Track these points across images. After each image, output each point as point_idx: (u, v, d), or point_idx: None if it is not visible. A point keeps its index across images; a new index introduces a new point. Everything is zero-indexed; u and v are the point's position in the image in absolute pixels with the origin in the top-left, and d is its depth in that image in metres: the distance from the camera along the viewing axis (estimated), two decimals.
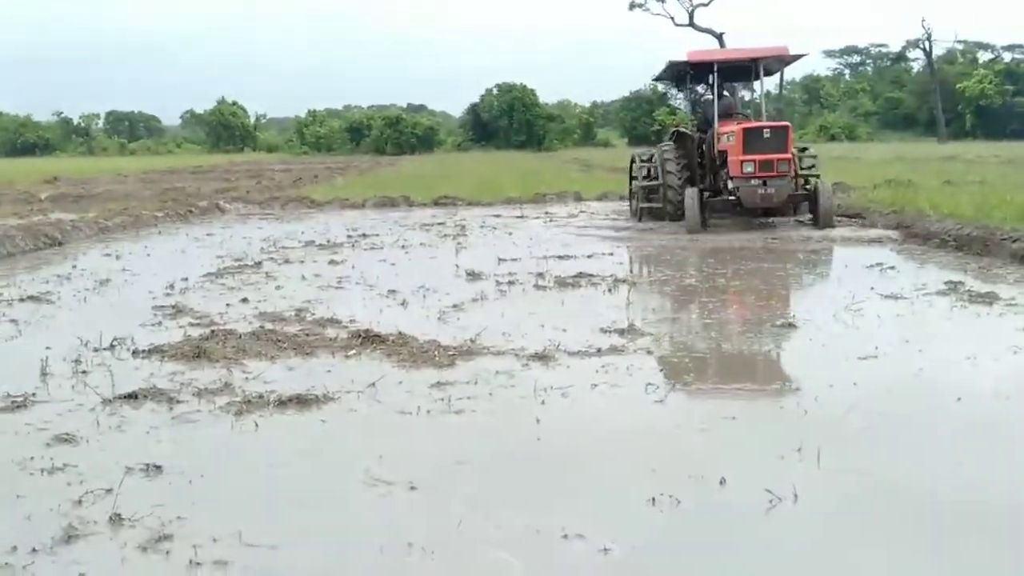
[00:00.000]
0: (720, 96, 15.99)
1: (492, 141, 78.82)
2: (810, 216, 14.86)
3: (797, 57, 16.62)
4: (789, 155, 14.41)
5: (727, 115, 15.81)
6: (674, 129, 17.34)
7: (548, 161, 46.31)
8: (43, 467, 4.46)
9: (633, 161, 17.62)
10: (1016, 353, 6.42)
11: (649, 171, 16.47)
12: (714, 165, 15.35)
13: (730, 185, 14.56)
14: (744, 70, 16.22)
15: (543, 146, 75.28)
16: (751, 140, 14.26)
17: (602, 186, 23.10)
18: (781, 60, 16.67)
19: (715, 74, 15.72)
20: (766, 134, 14.31)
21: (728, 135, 14.77)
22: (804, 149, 16.27)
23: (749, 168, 14.16)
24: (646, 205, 16.20)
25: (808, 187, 14.99)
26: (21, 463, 4.52)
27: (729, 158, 14.56)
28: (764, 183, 14.16)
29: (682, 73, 16.88)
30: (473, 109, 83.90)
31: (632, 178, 17.55)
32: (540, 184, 24.25)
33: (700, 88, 17.64)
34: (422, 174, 33.31)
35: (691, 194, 14.69)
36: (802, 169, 15.28)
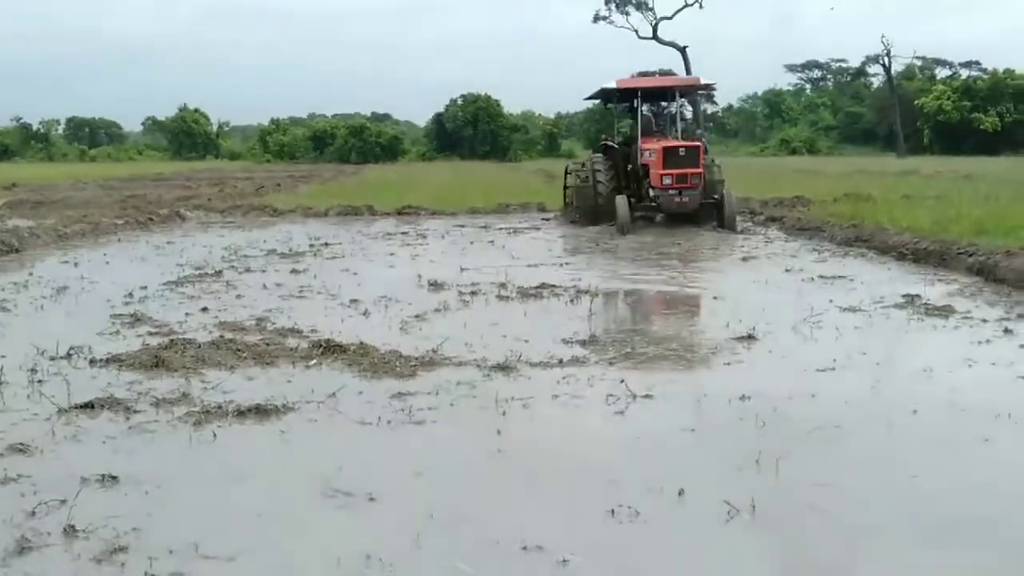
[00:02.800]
0: (643, 116, 18.77)
1: (457, 151, 78.80)
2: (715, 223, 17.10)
3: (707, 86, 20.75)
4: (700, 170, 17.05)
5: (648, 132, 18.55)
6: (603, 143, 19.81)
7: (512, 172, 46.39)
8: None
9: (567, 169, 20.22)
10: (971, 366, 6.52)
11: (581, 178, 18.78)
12: (637, 176, 18.04)
13: (651, 193, 17.21)
14: (662, 95, 19.84)
15: (507, 156, 75.38)
16: (670, 157, 16.88)
17: None
18: (693, 88, 21.16)
19: (639, 99, 18.62)
20: (682, 152, 16.98)
21: (650, 152, 17.40)
22: (713, 160, 18.77)
23: (668, 180, 16.84)
24: (579, 211, 18.52)
25: (714, 197, 17.27)
26: None
27: (651, 171, 17.17)
28: (680, 193, 16.83)
29: (610, 96, 19.56)
30: (438, 119, 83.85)
31: (566, 186, 19.91)
32: (504, 194, 24.27)
33: (623, 106, 20.24)
34: (386, 183, 33.21)
35: (621, 201, 17.04)
36: (711, 176, 17.75)
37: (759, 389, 5.79)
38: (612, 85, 18.49)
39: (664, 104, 19.87)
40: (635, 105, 18.69)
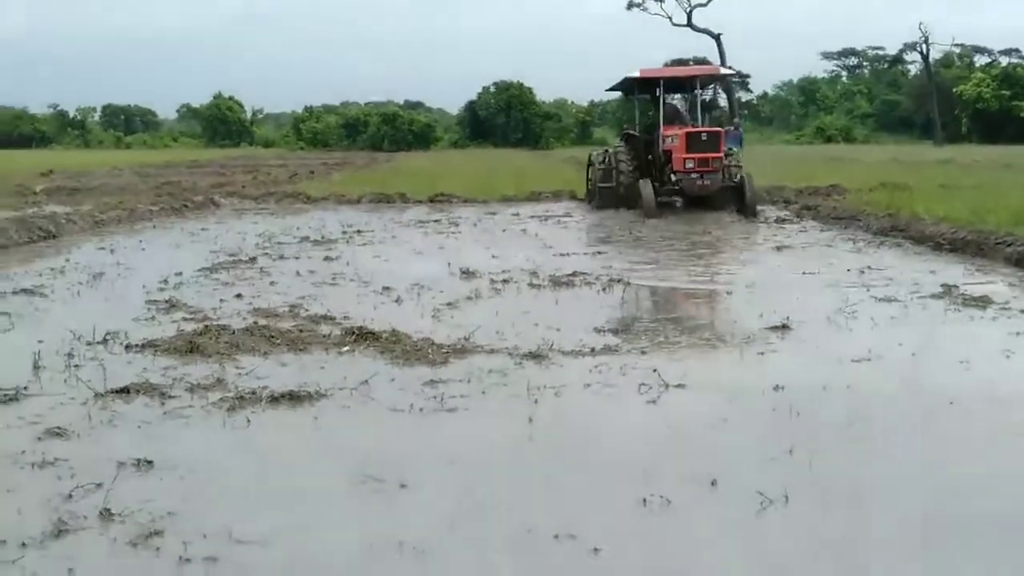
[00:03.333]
0: (668, 105, 19.35)
1: (489, 139, 78.88)
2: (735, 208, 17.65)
3: (727, 75, 22.82)
4: (721, 154, 17.76)
5: (671, 121, 18.94)
6: (625, 132, 20.70)
7: (544, 160, 46.33)
8: (34, 461, 4.44)
9: (590, 157, 20.81)
10: (1009, 357, 6.44)
11: (605, 165, 19.51)
12: (659, 162, 18.59)
13: (673, 178, 17.84)
14: (683, 84, 20.47)
15: (540, 145, 75.32)
16: (692, 142, 17.52)
17: None
18: (714, 77, 22.78)
19: (660, 88, 18.95)
20: (704, 137, 17.65)
21: (673, 137, 18.02)
22: (731, 148, 19.53)
23: (690, 164, 17.48)
24: (601, 197, 19.12)
25: (735, 181, 17.85)
26: (12, 457, 4.50)
27: (674, 156, 17.78)
28: (701, 176, 17.49)
29: (632, 85, 20.19)
30: (470, 107, 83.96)
31: (588, 175, 20.54)
32: (536, 182, 24.25)
33: (646, 97, 20.64)
34: (418, 171, 33.28)
35: (645, 184, 17.74)
36: (729, 163, 18.23)
37: (793, 379, 5.75)
38: (635, 75, 19.17)
39: (698, 92, 20.19)
40: (657, 94, 19.10)
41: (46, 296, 9.04)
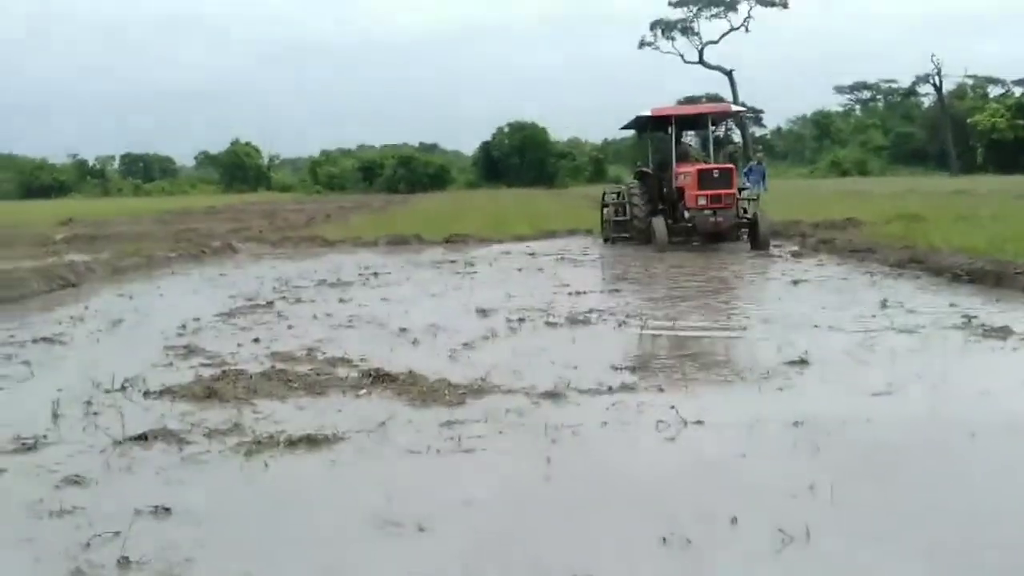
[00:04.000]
0: (679, 143, 19.51)
1: (503, 179, 79.18)
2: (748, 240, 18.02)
3: (738, 112, 23.26)
4: (733, 191, 17.98)
5: (684, 158, 19.24)
6: (638, 170, 20.90)
7: (559, 199, 46.45)
8: (52, 509, 4.45)
9: (604, 195, 21.05)
10: None
11: (618, 203, 19.89)
12: (672, 199, 18.72)
13: (687, 215, 18.00)
14: (695, 121, 20.71)
15: (554, 184, 75.58)
16: (704, 179, 17.70)
17: None
18: (725, 114, 22.32)
19: (673, 126, 18.98)
20: (716, 174, 17.81)
21: (685, 175, 18.20)
22: (742, 190, 19.44)
23: (703, 201, 17.66)
24: (615, 234, 19.65)
25: (748, 217, 18.14)
26: (30, 505, 4.51)
27: (686, 193, 17.95)
28: (714, 213, 17.69)
29: (644, 124, 20.47)
30: (485, 147, 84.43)
31: (604, 207, 20.67)
32: (551, 221, 24.34)
33: (659, 135, 20.83)
34: (434, 212, 33.44)
35: (659, 221, 18.06)
36: (741, 198, 18.66)
37: (812, 414, 5.70)
38: (647, 114, 19.37)
39: (711, 129, 20.52)
40: (669, 132, 19.24)
41: (65, 344, 9.09)
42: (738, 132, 69.63)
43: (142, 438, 5.54)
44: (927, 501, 4.35)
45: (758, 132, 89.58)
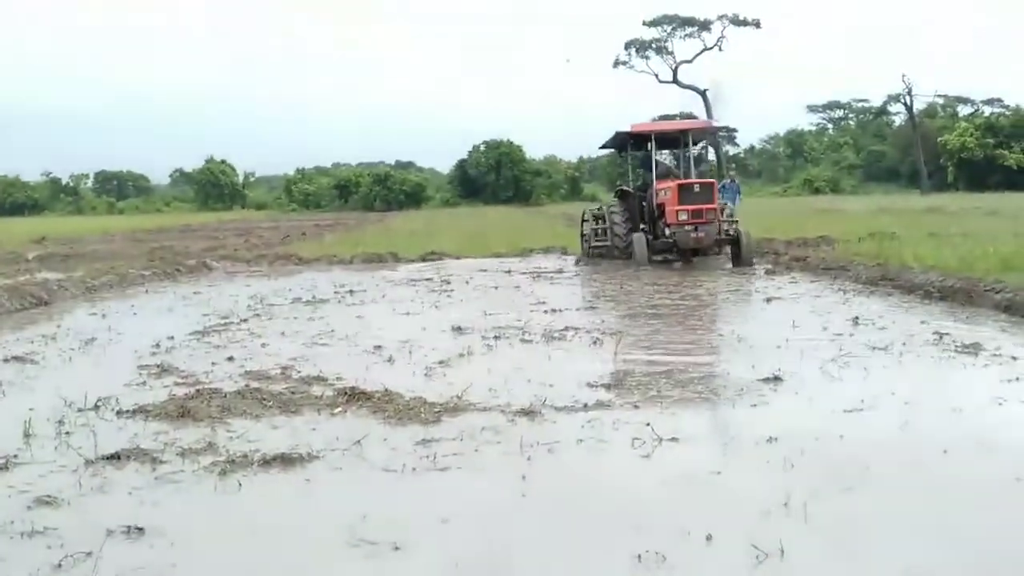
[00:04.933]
0: (658, 160, 19.57)
1: (480, 196, 79.40)
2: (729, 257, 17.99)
3: (719, 129, 23.02)
4: (715, 206, 17.68)
5: (664, 175, 19.16)
6: (619, 188, 20.69)
7: (535, 216, 46.55)
8: (23, 530, 4.40)
9: (583, 216, 20.78)
10: (1001, 404, 6.43)
11: (598, 222, 19.65)
12: (653, 217, 18.65)
13: (667, 231, 17.81)
14: (675, 139, 20.29)
15: (530, 201, 75.78)
16: (685, 193, 17.56)
17: None
18: (705, 131, 22.75)
19: (652, 143, 19.15)
20: (696, 188, 17.66)
21: (665, 190, 18.04)
22: (723, 209, 18.84)
23: (683, 216, 17.48)
24: (597, 246, 19.44)
25: (729, 233, 17.82)
26: (1, 526, 4.46)
27: (667, 208, 17.79)
28: (696, 228, 17.47)
29: (624, 142, 20.22)
30: (461, 165, 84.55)
31: (583, 232, 20.39)
32: (527, 239, 24.38)
33: (639, 154, 20.73)
34: (410, 230, 33.43)
35: (639, 237, 18.02)
36: (724, 219, 18.20)
37: (786, 431, 5.73)
38: (626, 130, 19.21)
39: (687, 148, 20.31)
40: (648, 149, 19.26)
41: (37, 363, 9.01)
42: (712, 151, 70.06)
43: (115, 458, 5.50)
44: (900, 517, 4.38)
45: (732, 151, 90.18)
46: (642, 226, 18.99)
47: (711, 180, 18.77)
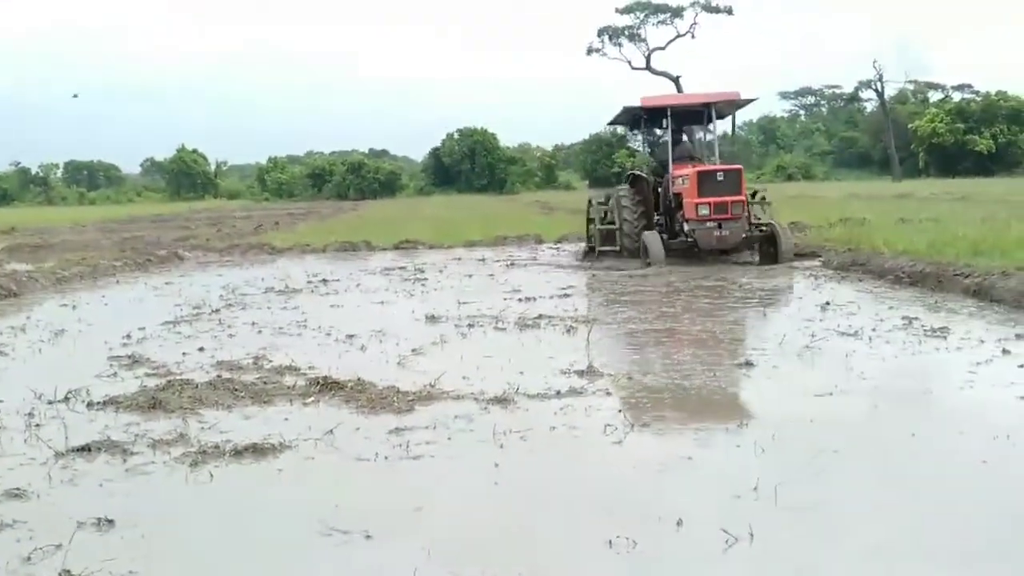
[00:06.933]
0: (676, 140, 16.36)
1: (454, 185, 79.20)
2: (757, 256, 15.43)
3: (748, 101, 17.25)
4: (743, 197, 14.81)
5: (683, 158, 16.05)
6: (631, 172, 17.64)
7: (509, 204, 46.49)
8: None
9: (590, 204, 17.82)
10: (970, 387, 6.51)
11: (606, 214, 16.80)
12: (670, 208, 15.70)
13: (686, 228, 14.93)
14: (697, 114, 16.75)
15: (505, 189, 75.70)
16: (705, 183, 14.60)
17: (563, 228, 23.26)
18: (732, 104, 16.90)
19: (668, 118, 16.11)
20: (720, 177, 14.67)
21: (683, 178, 15.11)
22: (755, 193, 16.45)
23: (704, 211, 14.53)
24: (605, 250, 16.49)
25: (763, 228, 15.31)
26: None
27: (684, 200, 14.93)
28: (719, 225, 14.57)
29: (637, 118, 17.28)
30: (435, 153, 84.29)
31: (590, 220, 17.74)
32: (501, 227, 24.35)
33: (657, 131, 17.91)
34: (384, 219, 33.33)
35: (652, 236, 15.10)
36: (755, 214, 15.61)
37: (757, 415, 5.78)
38: (636, 105, 16.29)
39: (711, 123, 16.99)
40: (664, 125, 16.35)
41: (6, 355, 8.93)
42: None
43: (85, 449, 5.46)
44: (869, 501, 4.42)
45: (707, 137, 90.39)
46: (657, 218, 16.14)
47: (738, 166, 15.56)
